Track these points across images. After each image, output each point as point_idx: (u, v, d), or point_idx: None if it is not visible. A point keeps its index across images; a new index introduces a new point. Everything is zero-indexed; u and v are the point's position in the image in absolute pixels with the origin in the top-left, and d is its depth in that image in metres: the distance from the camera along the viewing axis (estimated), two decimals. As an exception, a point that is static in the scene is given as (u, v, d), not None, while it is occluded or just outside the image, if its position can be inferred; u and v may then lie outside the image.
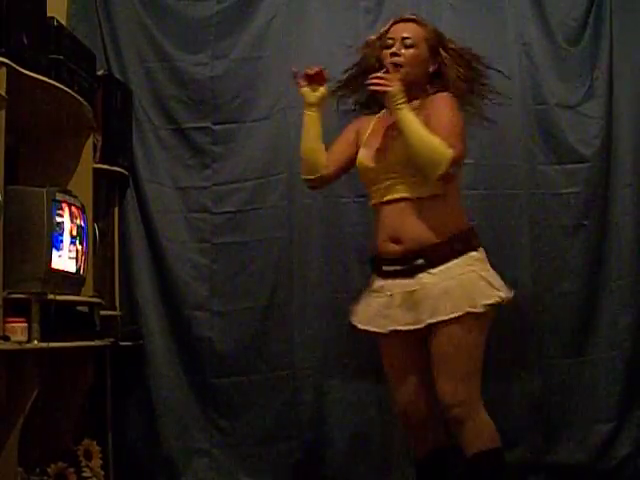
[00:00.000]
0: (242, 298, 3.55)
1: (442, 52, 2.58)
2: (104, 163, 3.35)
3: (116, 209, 3.60)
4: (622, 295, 3.51)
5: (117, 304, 3.54)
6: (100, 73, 3.42)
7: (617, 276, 3.53)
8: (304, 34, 3.62)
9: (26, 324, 2.50)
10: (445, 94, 2.50)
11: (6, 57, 2.42)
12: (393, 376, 2.64)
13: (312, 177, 2.70)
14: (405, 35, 2.51)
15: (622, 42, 3.59)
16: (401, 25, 2.59)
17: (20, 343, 2.45)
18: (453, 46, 2.60)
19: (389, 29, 2.63)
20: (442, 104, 2.46)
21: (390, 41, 2.57)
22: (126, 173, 3.52)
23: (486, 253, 2.58)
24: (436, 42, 2.56)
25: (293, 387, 3.48)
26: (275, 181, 3.58)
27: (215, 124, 3.63)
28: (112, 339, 3.20)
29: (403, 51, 2.51)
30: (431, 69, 2.62)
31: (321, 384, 3.48)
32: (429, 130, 2.39)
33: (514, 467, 3.42)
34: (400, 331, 2.47)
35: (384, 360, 2.67)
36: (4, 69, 2.41)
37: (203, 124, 3.63)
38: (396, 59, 2.50)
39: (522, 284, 3.47)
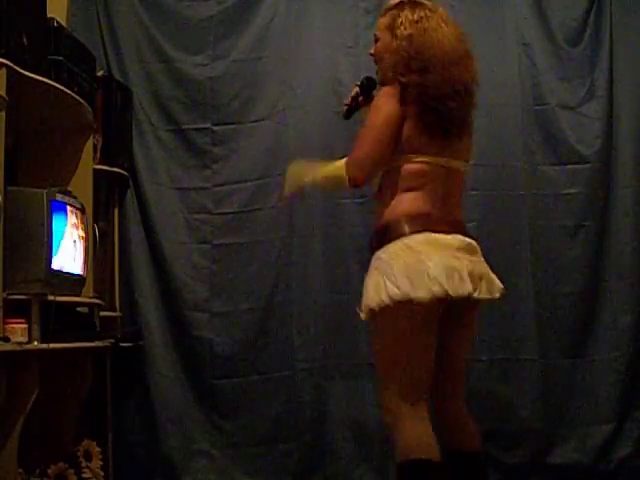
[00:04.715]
0: (242, 298, 3.55)
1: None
2: (104, 164, 3.35)
3: (116, 210, 3.59)
4: (622, 295, 3.52)
5: (117, 305, 3.54)
6: (100, 74, 3.43)
7: (617, 276, 3.53)
8: (304, 35, 3.63)
9: (26, 325, 2.50)
10: (384, 89, 2.31)
11: (6, 58, 2.43)
12: None
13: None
14: (374, 32, 2.46)
15: (622, 42, 3.60)
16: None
17: (20, 344, 2.45)
18: (400, 32, 2.30)
19: None
20: (374, 102, 2.34)
21: None
22: (126, 174, 3.52)
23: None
24: (394, 25, 2.33)
25: (293, 387, 3.49)
26: (275, 182, 3.57)
27: (215, 125, 3.64)
28: (112, 340, 3.20)
29: (373, 48, 2.44)
30: None
31: (321, 384, 3.49)
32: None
33: (514, 467, 3.43)
34: None
35: None
36: (4, 70, 2.41)
37: (203, 125, 3.63)
38: (372, 58, 2.46)
39: (522, 284, 3.48)
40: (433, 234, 2.17)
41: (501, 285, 2.28)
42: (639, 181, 3.58)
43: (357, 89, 2.56)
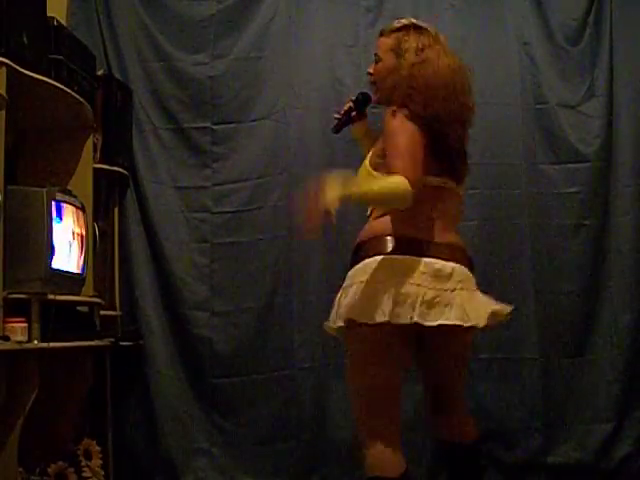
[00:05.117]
0: (242, 298, 3.55)
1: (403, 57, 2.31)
2: (104, 163, 3.35)
3: (116, 209, 3.59)
4: (622, 294, 3.52)
5: (117, 304, 3.54)
6: (100, 73, 3.43)
7: (617, 275, 3.53)
8: (304, 34, 3.63)
9: (26, 324, 2.50)
10: (387, 112, 2.24)
11: (6, 57, 2.42)
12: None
13: None
14: (374, 52, 2.42)
15: (622, 41, 3.60)
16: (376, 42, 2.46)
17: (20, 343, 2.45)
18: (405, 59, 2.26)
19: None
20: (384, 127, 2.24)
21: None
22: (126, 173, 3.52)
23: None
24: (399, 48, 2.31)
25: (293, 387, 3.49)
26: (275, 181, 3.58)
27: (215, 124, 3.63)
28: (112, 339, 3.20)
29: (373, 68, 2.41)
30: None
31: (321, 384, 3.49)
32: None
33: (514, 466, 3.43)
34: None
35: None
36: (4, 69, 2.41)
37: (203, 124, 3.63)
38: (370, 77, 2.42)
39: (522, 283, 3.48)
40: (397, 256, 2.16)
41: (505, 309, 2.19)
42: (639, 180, 3.58)
43: (351, 104, 2.54)
